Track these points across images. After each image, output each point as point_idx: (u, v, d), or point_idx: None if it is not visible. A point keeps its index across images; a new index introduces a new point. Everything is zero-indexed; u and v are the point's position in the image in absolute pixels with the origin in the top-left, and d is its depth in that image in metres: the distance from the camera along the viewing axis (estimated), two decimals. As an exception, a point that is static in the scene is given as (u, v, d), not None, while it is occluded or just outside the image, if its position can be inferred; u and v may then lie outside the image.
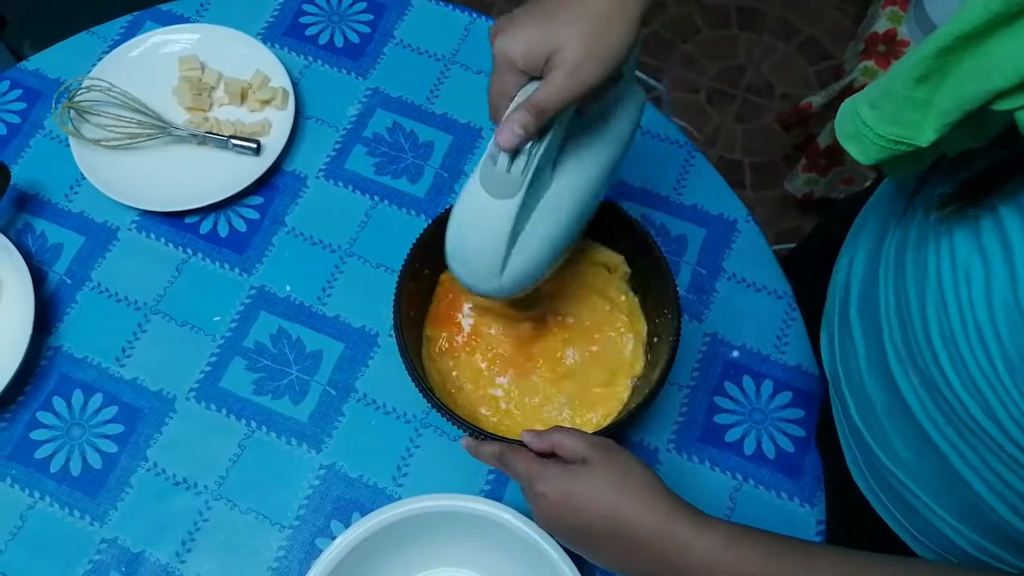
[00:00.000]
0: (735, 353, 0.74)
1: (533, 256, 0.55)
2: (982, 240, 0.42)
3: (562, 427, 0.55)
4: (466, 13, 0.87)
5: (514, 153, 0.50)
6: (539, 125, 0.48)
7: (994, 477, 0.46)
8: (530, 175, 0.50)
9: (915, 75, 0.41)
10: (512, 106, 0.50)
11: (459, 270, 0.57)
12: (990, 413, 0.43)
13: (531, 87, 0.50)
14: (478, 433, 0.59)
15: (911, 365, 0.50)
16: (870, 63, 1.24)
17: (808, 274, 0.78)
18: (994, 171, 0.41)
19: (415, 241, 0.65)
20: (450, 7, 0.88)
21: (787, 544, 0.48)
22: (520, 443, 0.56)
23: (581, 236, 0.62)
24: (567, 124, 0.53)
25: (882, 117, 0.44)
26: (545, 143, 0.50)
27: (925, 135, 0.42)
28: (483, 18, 0.87)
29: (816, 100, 1.33)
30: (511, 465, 0.55)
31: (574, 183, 0.56)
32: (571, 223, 0.57)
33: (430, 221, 0.78)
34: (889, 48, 1.25)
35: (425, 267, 0.67)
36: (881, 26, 1.26)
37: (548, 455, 0.54)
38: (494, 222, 0.52)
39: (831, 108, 1.32)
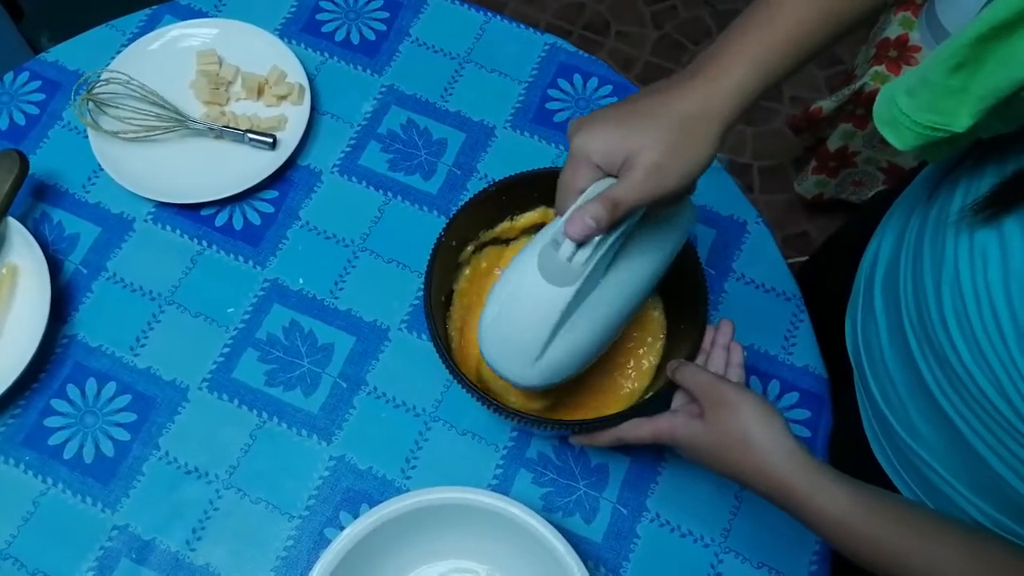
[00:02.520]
0: (743, 353, 0.74)
1: (570, 350, 0.54)
2: (1001, 223, 0.43)
3: (684, 364, 0.59)
4: (481, 12, 0.88)
5: (579, 243, 0.50)
6: (612, 219, 0.48)
7: (1008, 453, 0.47)
8: (591, 267, 0.50)
9: (951, 63, 0.42)
10: (582, 198, 0.50)
11: (493, 349, 0.55)
12: (1001, 391, 0.44)
13: (603, 183, 0.50)
14: (501, 409, 0.59)
15: (925, 341, 0.51)
16: (881, 68, 1.24)
17: (826, 277, 0.79)
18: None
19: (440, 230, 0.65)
20: (465, 6, 0.89)
21: (911, 511, 0.49)
22: (613, 420, 0.59)
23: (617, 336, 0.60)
24: (633, 227, 0.53)
25: (919, 105, 0.45)
26: (612, 239, 0.50)
27: (961, 121, 0.43)
28: (498, 17, 0.88)
29: (826, 104, 1.33)
30: (631, 437, 0.59)
31: (624, 283, 0.56)
32: (613, 323, 0.56)
33: (443, 217, 0.79)
34: (900, 54, 1.25)
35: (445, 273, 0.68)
36: (893, 31, 1.26)
37: (638, 411, 0.59)
38: (545, 307, 0.51)
39: (841, 112, 1.32)
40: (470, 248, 0.69)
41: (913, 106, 0.45)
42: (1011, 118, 0.43)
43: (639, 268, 0.57)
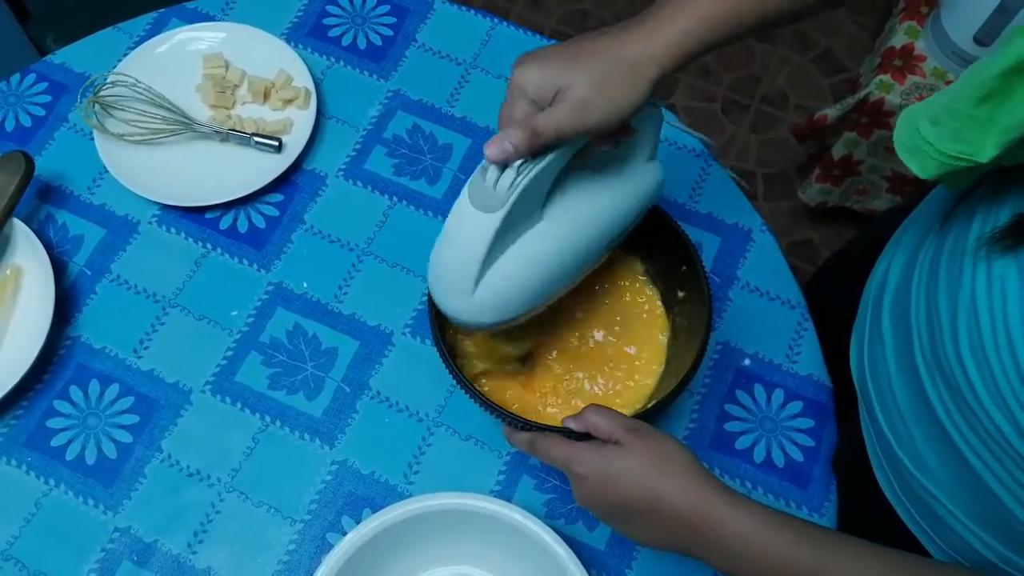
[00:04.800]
0: (747, 361, 0.74)
1: (509, 285, 0.55)
2: (1020, 254, 0.42)
3: (596, 407, 0.55)
4: (487, 18, 0.88)
5: (503, 168, 0.50)
6: (530, 146, 0.49)
7: (1019, 488, 0.46)
8: (516, 194, 0.50)
9: (978, 95, 0.42)
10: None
11: (432, 280, 0.56)
12: (1015, 425, 0.43)
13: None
14: (512, 419, 0.59)
15: (937, 371, 0.51)
16: (886, 77, 1.24)
17: (835, 290, 0.78)
18: None
19: None
20: (472, 12, 0.89)
21: (820, 531, 0.48)
22: (550, 429, 0.57)
23: (569, 287, 0.61)
24: (565, 162, 0.53)
25: (943, 134, 0.45)
26: (537, 169, 0.50)
27: (986, 152, 0.43)
28: (504, 23, 0.88)
29: (831, 113, 1.33)
30: (543, 451, 0.56)
31: (567, 224, 0.56)
32: (557, 264, 0.56)
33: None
34: (905, 63, 1.25)
35: None
36: (898, 41, 1.27)
37: (582, 437, 0.55)
38: (472, 233, 0.52)
39: (845, 121, 1.32)
40: None
41: (937, 135, 0.45)
42: None
43: (587, 213, 0.57)
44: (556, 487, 0.70)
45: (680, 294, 0.67)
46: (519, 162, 0.50)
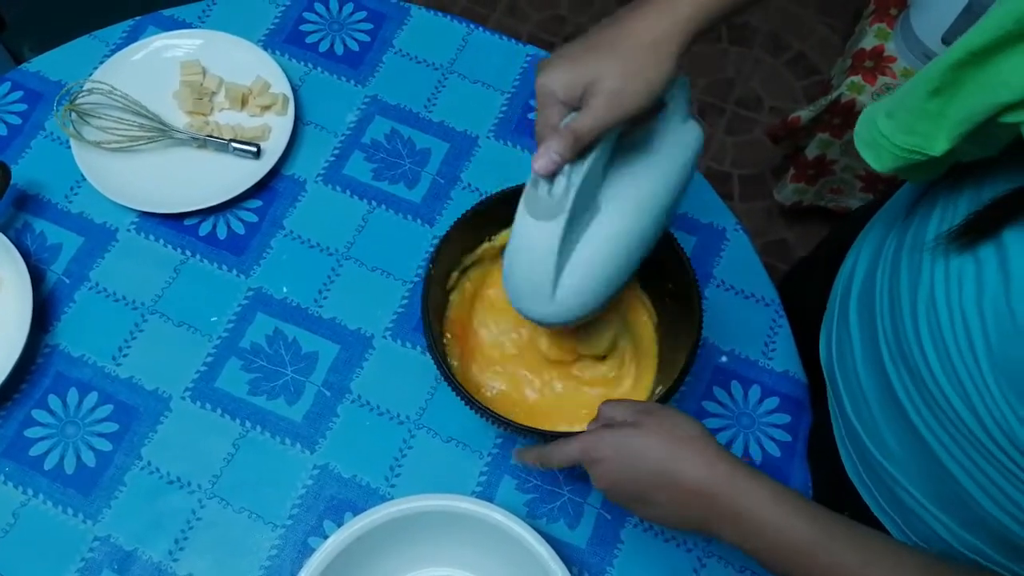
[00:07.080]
0: (723, 358, 0.75)
1: (585, 281, 0.56)
2: (977, 249, 0.44)
3: (609, 401, 0.57)
4: (464, 24, 0.89)
5: (552, 177, 0.51)
6: (575, 150, 0.50)
7: (976, 470, 0.48)
8: (572, 197, 0.51)
9: (929, 88, 0.43)
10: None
11: (511, 294, 0.58)
12: (972, 410, 0.45)
13: (572, 116, 0.51)
14: (505, 423, 0.59)
15: (900, 359, 0.52)
16: (857, 79, 1.26)
17: (807, 286, 0.80)
18: (1001, 205, 0.43)
19: (439, 243, 0.65)
20: (448, 17, 0.89)
21: (829, 512, 0.50)
22: (549, 435, 0.58)
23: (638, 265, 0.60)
24: (610, 151, 0.54)
25: (898, 127, 0.46)
26: (586, 167, 0.51)
27: (938, 145, 0.44)
28: (480, 29, 0.89)
29: (804, 114, 1.35)
30: (558, 452, 0.56)
31: (623, 208, 0.56)
32: (624, 249, 0.57)
33: (426, 225, 0.80)
34: (876, 64, 1.27)
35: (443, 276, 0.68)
36: (868, 43, 1.29)
37: None
38: (539, 244, 0.53)
39: (819, 122, 1.34)
40: (455, 274, 0.70)
41: (892, 128, 0.46)
42: (988, 144, 0.43)
43: (640, 188, 0.57)
44: (537, 487, 0.71)
45: (668, 299, 0.69)
46: (568, 166, 0.51)
